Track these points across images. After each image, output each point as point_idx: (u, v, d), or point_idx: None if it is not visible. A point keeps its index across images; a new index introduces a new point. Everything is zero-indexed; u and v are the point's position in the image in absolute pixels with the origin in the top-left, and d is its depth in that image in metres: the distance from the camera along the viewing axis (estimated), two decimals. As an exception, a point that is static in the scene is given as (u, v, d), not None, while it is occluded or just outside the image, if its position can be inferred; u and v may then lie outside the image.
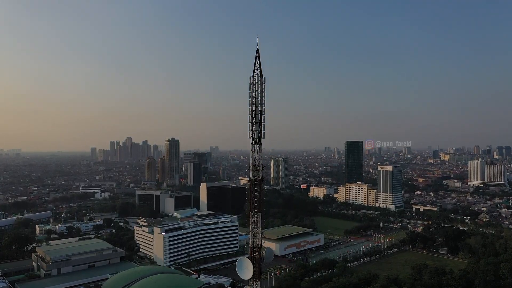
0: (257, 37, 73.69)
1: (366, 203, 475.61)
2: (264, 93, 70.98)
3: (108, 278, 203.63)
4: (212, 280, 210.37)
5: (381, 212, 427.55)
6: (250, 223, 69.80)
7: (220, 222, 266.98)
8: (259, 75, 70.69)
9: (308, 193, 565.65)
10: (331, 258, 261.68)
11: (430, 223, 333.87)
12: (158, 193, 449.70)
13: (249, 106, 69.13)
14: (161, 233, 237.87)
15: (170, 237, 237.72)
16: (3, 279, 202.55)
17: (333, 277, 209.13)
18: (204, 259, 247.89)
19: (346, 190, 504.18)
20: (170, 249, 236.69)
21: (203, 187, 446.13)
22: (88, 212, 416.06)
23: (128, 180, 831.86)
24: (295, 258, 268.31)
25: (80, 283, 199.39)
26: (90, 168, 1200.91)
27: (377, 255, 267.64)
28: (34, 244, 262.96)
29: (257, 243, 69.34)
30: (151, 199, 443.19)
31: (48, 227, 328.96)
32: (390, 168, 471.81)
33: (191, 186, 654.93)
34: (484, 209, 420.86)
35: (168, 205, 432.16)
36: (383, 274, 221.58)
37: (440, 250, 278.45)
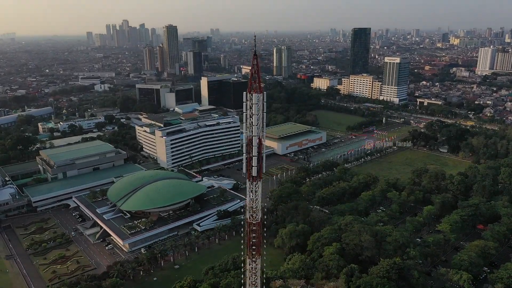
0: (255, 36, 55.93)
1: (370, 96, 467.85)
2: (265, 114, 56.27)
3: (113, 182, 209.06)
4: (215, 183, 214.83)
5: (385, 105, 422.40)
6: (248, 270, 62.31)
7: (222, 123, 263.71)
8: (258, 90, 54.31)
9: (311, 84, 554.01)
10: (332, 156, 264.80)
11: (433, 120, 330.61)
12: (158, 87, 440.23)
13: (245, 132, 55.53)
14: (162, 137, 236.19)
15: (171, 140, 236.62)
16: (11, 183, 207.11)
17: (333, 180, 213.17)
18: (206, 160, 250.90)
19: (350, 82, 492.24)
20: (172, 152, 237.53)
21: (204, 82, 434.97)
22: (89, 107, 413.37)
23: (127, 69, 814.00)
24: (296, 157, 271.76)
25: (86, 187, 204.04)
26: (88, 54, 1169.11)
27: (378, 154, 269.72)
28: (37, 145, 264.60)
29: None
30: (151, 93, 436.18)
31: (50, 125, 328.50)
32: (397, 60, 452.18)
33: (192, 76, 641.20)
34: (489, 102, 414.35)
35: (169, 99, 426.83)
36: (383, 176, 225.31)
37: (441, 148, 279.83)
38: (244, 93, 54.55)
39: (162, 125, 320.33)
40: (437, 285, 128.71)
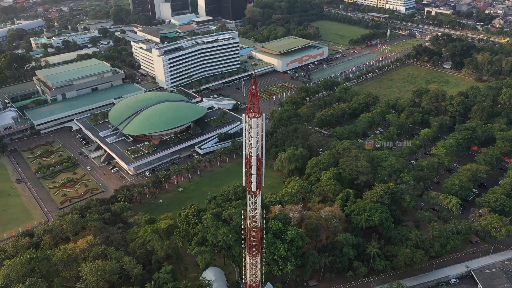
0: (254, 63, 49.67)
1: (376, 3, 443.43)
2: (263, 134, 51.70)
3: (113, 103, 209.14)
4: (215, 103, 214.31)
5: (390, 15, 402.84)
6: (248, 264, 63.25)
7: (220, 39, 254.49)
8: (257, 113, 49.78)
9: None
10: (333, 74, 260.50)
11: (439, 33, 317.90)
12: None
13: (244, 150, 51.53)
14: (160, 56, 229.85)
15: (169, 59, 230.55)
16: (12, 106, 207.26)
17: (333, 101, 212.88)
18: (205, 79, 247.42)
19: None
20: (170, 71, 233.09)
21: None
22: (81, 19, 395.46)
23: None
24: (297, 75, 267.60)
25: (86, 109, 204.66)
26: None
27: (379, 71, 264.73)
28: (33, 64, 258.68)
29: (255, 281, 64.20)
30: (145, 3, 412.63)
31: (43, 40, 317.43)
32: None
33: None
34: (500, 12, 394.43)
35: (164, 10, 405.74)
36: (383, 96, 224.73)
37: (444, 64, 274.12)
38: (244, 115, 52.51)
39: (158, 40, 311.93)
40: (428, 207, 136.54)
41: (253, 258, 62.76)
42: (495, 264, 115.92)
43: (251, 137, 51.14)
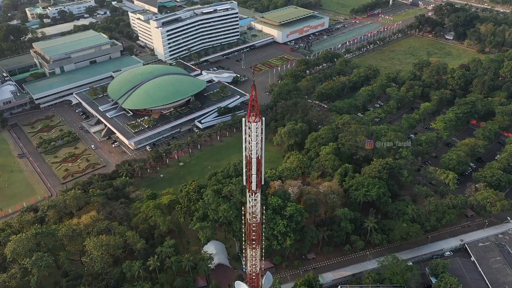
0: (253, 70, 47.92)
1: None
2: (263, 136, 50.94)
3: (111, 77, 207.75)
4: (214, 76, 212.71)
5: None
6: (248, 255, 63.76)
7: (219, 10, 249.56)
8: (257, 118, 49.31)
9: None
10: (334, 45, 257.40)
11: (442, 3, 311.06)
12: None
13: (244, 152, 50.90)
14: (158, 27, 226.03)
15: (168, 31, 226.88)
16: (10, 80, 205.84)
17: (333, 74, 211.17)
18: (205, 51, 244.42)
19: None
20: (169, 43, 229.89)
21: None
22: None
23: None
24: (297, 46, 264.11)
25: (85, 82, 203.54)
26: None
27: (381, 43, 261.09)
28: (29, 36, 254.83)
29: (255, 271, 64.73)
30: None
31: (38, 10, 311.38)
32: None
33: None
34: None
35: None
36: (384, 68, 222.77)
37: (447, 35, 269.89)
38: (243, 119, 52.44)
39: (156, 10, 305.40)
40: (425, 182, 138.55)
41: (253, 250, 64.99)
42: (489, 237, 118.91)
43: (251, 140, 51.88)
